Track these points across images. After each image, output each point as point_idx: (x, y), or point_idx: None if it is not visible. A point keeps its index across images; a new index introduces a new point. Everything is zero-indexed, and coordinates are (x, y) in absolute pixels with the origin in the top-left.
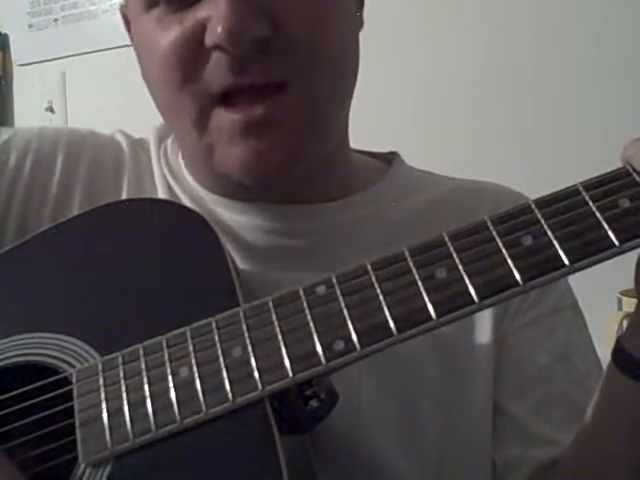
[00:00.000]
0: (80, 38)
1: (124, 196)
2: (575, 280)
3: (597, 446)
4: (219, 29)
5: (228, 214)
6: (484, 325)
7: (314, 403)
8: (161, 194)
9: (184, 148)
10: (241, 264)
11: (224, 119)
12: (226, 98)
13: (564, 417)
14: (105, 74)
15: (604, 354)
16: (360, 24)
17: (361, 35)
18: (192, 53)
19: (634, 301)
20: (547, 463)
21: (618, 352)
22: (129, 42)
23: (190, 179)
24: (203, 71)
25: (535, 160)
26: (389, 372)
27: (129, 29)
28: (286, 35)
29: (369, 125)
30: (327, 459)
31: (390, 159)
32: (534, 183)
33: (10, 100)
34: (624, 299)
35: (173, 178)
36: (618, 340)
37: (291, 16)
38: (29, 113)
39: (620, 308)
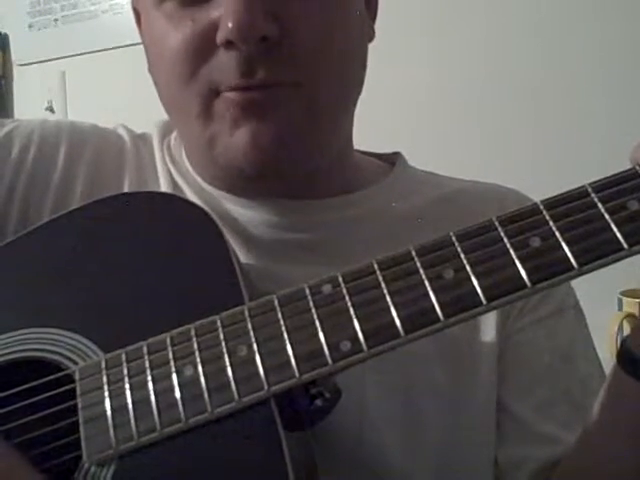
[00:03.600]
0: (80, 38)
1: (126, 189)
2: (575, 280)
3: (600, 447)
4: (230, 24)
5: (233, 207)
6: (488, 324)
7: (319, 402)
8: (164, 187)
9: (188, 145)
10: (245, 258)
11: (227, 100)
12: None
13: (567, 417)
14: (105, 74)
15: (604, 354)
16: (371, 34)
17: None
18: (202, 51)
19: (634, 301)
20: (550, 462)
21: (623, 353)
22: (129, 42)
23: (194, 174)
24: (211, 69)
25: (541, 162)
26: (393, 369)
27: (139, 24)
28: (294, 40)
29: (373, 127)
30: (329, 455)
31: (393, 160)
32: (540, 185)
33: (10, 100)
34: (624, 299)
35: (177, 171)
36: (623, 341)
37: (300, 21)
38: (29, 113)
39: (620, 308)
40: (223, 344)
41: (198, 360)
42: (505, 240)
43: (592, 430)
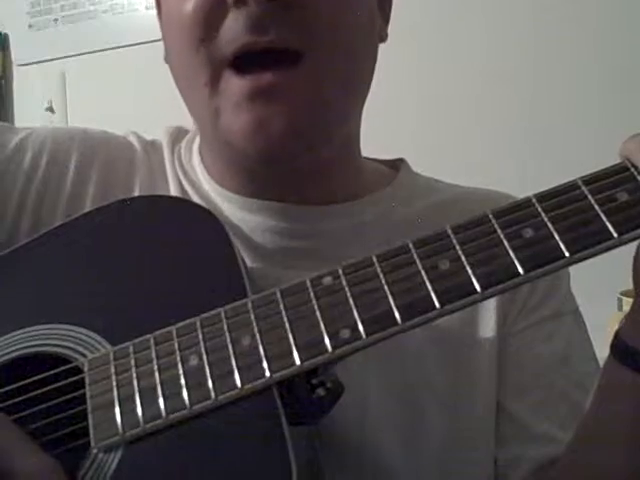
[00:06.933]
0: (80, 38)
1: (136, 195)
2: (575, 280)
3: (596, 443)
4: None
5: (238, 213)
6: (487, 326)
7: (321, 392)
8: (173, 193)
9: (197, 119)
10: (249, 263)
11: (233, 84)
12: (239, 63)
13: (564, 417)
14: (105, 74)
15: (604, 355)
16: (382, 35)
17: None
18: (213, 12)
19: None
20: (547, 461)
21: (618, 344)
22: (129, 42)
23: (201, 175)
24: (221, 30)
25: (537, 165)
26: (394, 371)
27: (160, 15)
28: (306, 3)
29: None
30: (332, 455)
31: (397, 165)
32: (537, 187)
33: (10, 100)
34: (624, 299)
35: (186, 179)
36: (617, 333)
37: None
38: (29, 113)
39: (620, 308)
40: (227, 334)
41: (203, 350)
42: (499, 231)
43: (588, 425)
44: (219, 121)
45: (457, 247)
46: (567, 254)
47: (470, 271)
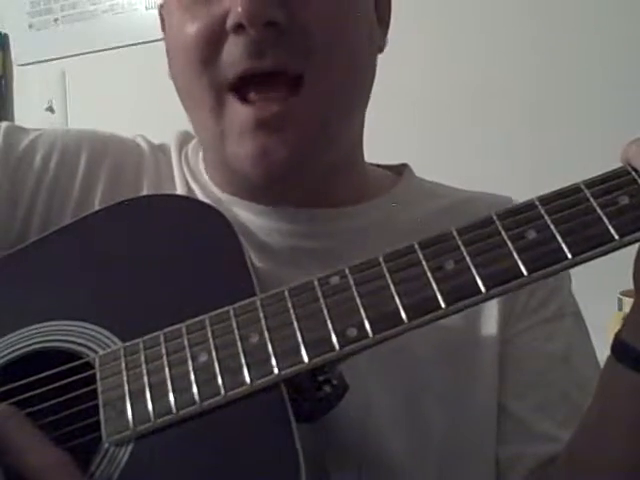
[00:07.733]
0: (80, 38)
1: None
2: (576, 280)
3: (596, 441)
4: (239, 8)
5: (245, 215)
6: (489, 327)
7: (327, 389)
8: (180, 193)
9: (201, 138)
10: (255, 262)
11: (238, 112)
12: (242, 87)
13: (564, 416)
14: (105, 74)
15: (604, 355)
16: (381, 45)
17: None
18: (215, 38)
19: None
20: (547, 460)
21: (618, 344)
22: (129, 42)
23: (210, 182)
24: (222, 54)
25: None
26: (396, 372)
27: (164, 28)
28: (302, 28)
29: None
30: (336, 453)
31: (401, 171)
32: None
33: (10, 100)
34: (624, 299)
35: (193, 180)
36: (617, 333)
37: (309, 9)
38: (29, 113)
39: (620, 308)
40: (236, 331)
41: (212, 347)
42: (503, 233)
43: (588, 423)
44: (224, 144)
45: (462, 248)
46: (569, 256)
47: (475, 272)
